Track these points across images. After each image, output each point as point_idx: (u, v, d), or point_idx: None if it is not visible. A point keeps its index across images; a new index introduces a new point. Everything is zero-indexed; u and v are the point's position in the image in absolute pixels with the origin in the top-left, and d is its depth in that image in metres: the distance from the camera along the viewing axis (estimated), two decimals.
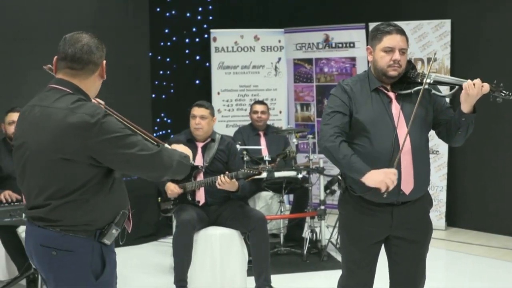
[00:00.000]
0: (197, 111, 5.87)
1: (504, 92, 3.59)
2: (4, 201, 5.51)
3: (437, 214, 8.18)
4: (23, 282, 5.65)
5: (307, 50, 9.24)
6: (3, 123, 5.95)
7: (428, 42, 8.16)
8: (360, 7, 9.17)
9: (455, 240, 7.72)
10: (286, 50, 9.33)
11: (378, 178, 3.50)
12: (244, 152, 6.80)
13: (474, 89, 3.52)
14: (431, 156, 7.86)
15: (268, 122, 7.87)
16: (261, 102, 7.80)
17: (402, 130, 3.65)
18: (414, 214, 3.77)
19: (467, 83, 3.55)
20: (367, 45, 3.84)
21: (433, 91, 3.76)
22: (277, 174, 6.58)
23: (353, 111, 3.70)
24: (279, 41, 9.31)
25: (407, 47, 3.72)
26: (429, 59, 8.17)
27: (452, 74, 7.99)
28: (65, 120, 2.78)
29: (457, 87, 3.65)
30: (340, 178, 3.89)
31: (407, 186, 3.68)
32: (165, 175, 3.00)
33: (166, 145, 3.11)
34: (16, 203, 5.33)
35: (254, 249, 5.70)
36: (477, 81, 3.55)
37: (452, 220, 8.34)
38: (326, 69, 9.14)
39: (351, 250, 3.85)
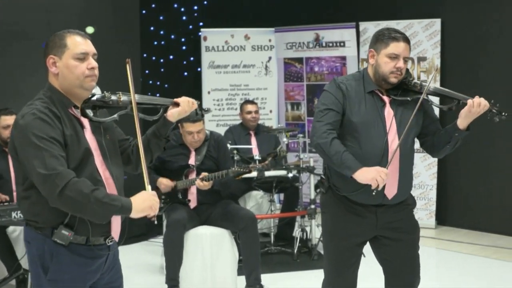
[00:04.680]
0: (194, 127, 5.72)
1: (498, 111, 3.66)
2: None
3: (427, 213, 8.21)
4: (13, 282, 5.64)
5: (298, 49, 9.25)
6: None
7: (418, 41, 8.18)
8: (351, 6, 9.18)
9: (445, 239, 7.75)
10: (276, 49, 9.34)
11: (369, 175, 3.50)
12: (235, 152, 6.82)
13: (477, 108, 3.56)
14: (421, 154, 7.97)
15: (259, 122, 7.88)
16: (252, 102, 7.80)
17: (393, 136, 3.67)
18: (398, 214, 3.79)
19: (471, 101, 3.56)
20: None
21: (431, 102, 3.77)
22: (268, 173, 6.58)
23: (346, 110, 3.70)
24: (270, 40, 9.33)
25: (409, 55, 3.72)
26: (419, 59, 8.20)
27: (442, 73, 8.03)
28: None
29: (455, 101, 3.67)
30: (323, 177, 3.90)
31: (391, 191, 3.70)
32: (56, 202, 2.79)
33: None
34: (5, 203, 5.32)
35: (244, 248, 5.71)
36: (482, 100, 3.58)
37: (442, 218, 8.37)
38: (316, 68, 9.15)
39: (337, 250, 3.85)
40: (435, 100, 4.08)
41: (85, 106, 3.06)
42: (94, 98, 3.09)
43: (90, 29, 7.14)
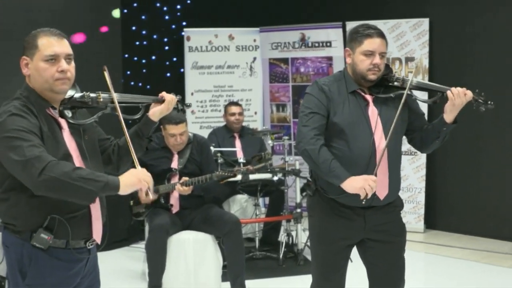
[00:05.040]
0: (176, 129, 5.68)
1: (484, 100, 3.67)
2: None
3: (416, 217, 8.22)
4: None
5: (283, 49, 9.25)
6: None
7: (406, 41, 8.20)
8: (337, 5, 9.19)
9: (434, 243, 7.76)
10: (261, 50, 9.34)
11: (357, 185, 3.50)
12: (219, 155, 6.79)
13: (459, 99, 3.57)
14: (409, 157, 7.99)
15: (243, 124, 7.87)
16: (236, 104, 7.79)
17: (379, 135, 3.67)
18: (386, 216, 3.79)
19: (451, 93, 3.58)
20: (344, 45, 3.84)
21: (414, 97, 3.78)
22: (252, 177, 6.57)
23: (330, 112, 3.70)
24: (254, 41, 9.32)
25: (386, 50, 3.73)
26: (407, 59, 8.22)
27: (430, 74, 8.05)
28: None
29: (439, 94, 3.68)
30: (310, 179, 3.89)
31: (382, 191, 3.70)
32: (38, 186, 2.74)
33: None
34: None
35: (228, 254, 5.69)
36: (459, 88, 3.59)
37: (431, 222, 8.38)
38: (302, 69, 9.15)
39: (325, 254, 3.85)
40: (422, 94, 4.07)
41: (64, 107, 3.04)
42: (73, 98, 3.07)
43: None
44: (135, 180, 2.84)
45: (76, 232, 2.97)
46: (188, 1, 9.64)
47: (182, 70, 9.31)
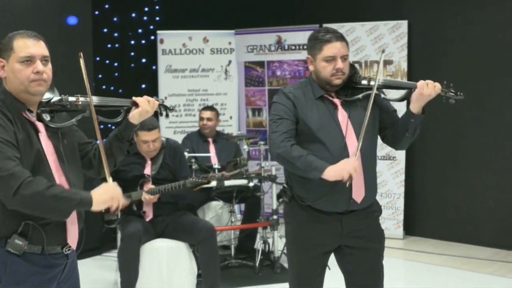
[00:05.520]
0: (149, 136, 5.68)
1: (453, 91, 3.71)
2: None
3: (395, 223, 8.26)
4: None
5: (259, 52, 9.26)
6: None
7: (384, 44, 8.24)
8: (314, 7, 9.22)
9: (413, 250, 7.80)
10: (236, 53, 9.34)
11: (339, 168, 3.50)
12: (193, 160, 6.79)
13: (428, 89, 3.60)
14: (387, 162, 8.02)
15: (218, 128, 7.87)
16: (209, 108, 7.79)
17: (351, 138, 3.69)
18: (364, 222, 3.81)
19: (421, 82, 3.62)
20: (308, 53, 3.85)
21: (383, 96, 3.81)
22: (228, 183, 6.57)
23: (299, 119, 3.72)
24: (230, 43, 9.32)
25: (348, 52, 3.75)
26: (385, 62, 8.26)
27: (409, 77, 8.09)
28: None
29: (407, 90, 3.72)
30: (286, 186, 3.90)
31: (359, 195, 3.72)
32: (13, 203, 2.82)
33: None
34: None
35: (203, 262, 5.70)
36: (430, 81, 3.63)
37: (411, 228, 8.42)
38: (278, 73, 9.18)
39: (302, 261, 3.85)
40: (391, 92, 4.10)
41: (42, 111, 3.08)
42: (52, 101, 3.11)
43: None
44: (107, 197, 2.97)
45: (51, 238, 3.00)
46: (162, 3, 9.62)
47: (155, 73, 9.29)
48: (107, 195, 2.97)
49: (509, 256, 7.34)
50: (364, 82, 3.77)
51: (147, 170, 5.82)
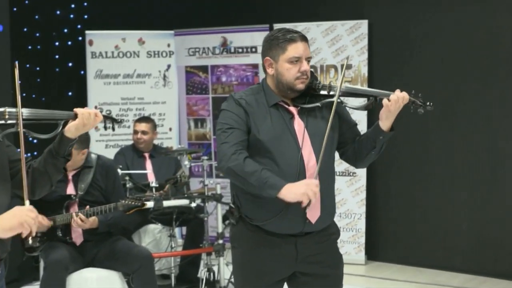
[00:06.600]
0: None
1: (422, 102, 3.76)
2: None
3: (356, 246, 8.29)
4: None
5: (202, 56, 9.26)
6: None
7: (342, 46, 8.30)
8: (264, 5, 9.25)
9: (376, 276, 7.85)
10: (176, 56, 9.34)
11: (299, 191, 3.48)
12: (127, 178, 6.75)
13: (395, 104, 3.63)
14: (347, 178, 8.05)
15: (156, 142, 7.83)
16: (144, 120, 7.74)
17: (308, 150, 3.70)
18: (321, 245, 3.80)
19: (386, 101, 3.64)
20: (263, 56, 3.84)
21: (345, 104, 3.82)
22: (166, 203, 6.53)
23: (251, 128, 3.71)
24: (169, 45, 9.31)
25: (310, 54, 3.79)
26: (343, 66, 8.28)
27: (370, 83, 8.15)
28: None
29: (371, 99, 3.73)
30: (232, 206, 3.87)
31: (313, 214, 3.70)
32: None
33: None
34: None
35: None
36: (397, 92, 3.65)
37: (373, 253, 8.47)
38: (224, 78, 9.18)
39: None
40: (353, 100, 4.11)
41: None
42: None
43: None
44: (15, 223, 2.87)
45: None
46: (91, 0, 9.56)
47: (84, 79, 9.20)
48: (15, 220, 2.87)
49: (483, 284, 7.42)
50: (324, 89, 3.78)
51: (70, 190, 5.73)
